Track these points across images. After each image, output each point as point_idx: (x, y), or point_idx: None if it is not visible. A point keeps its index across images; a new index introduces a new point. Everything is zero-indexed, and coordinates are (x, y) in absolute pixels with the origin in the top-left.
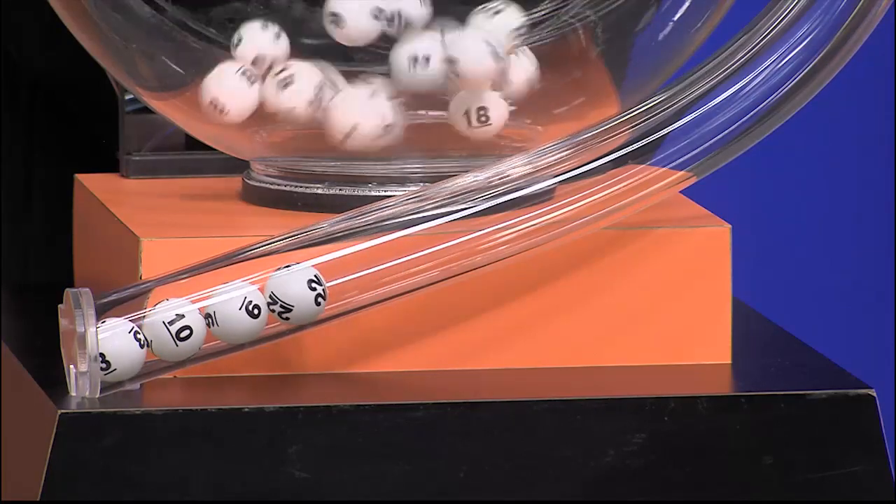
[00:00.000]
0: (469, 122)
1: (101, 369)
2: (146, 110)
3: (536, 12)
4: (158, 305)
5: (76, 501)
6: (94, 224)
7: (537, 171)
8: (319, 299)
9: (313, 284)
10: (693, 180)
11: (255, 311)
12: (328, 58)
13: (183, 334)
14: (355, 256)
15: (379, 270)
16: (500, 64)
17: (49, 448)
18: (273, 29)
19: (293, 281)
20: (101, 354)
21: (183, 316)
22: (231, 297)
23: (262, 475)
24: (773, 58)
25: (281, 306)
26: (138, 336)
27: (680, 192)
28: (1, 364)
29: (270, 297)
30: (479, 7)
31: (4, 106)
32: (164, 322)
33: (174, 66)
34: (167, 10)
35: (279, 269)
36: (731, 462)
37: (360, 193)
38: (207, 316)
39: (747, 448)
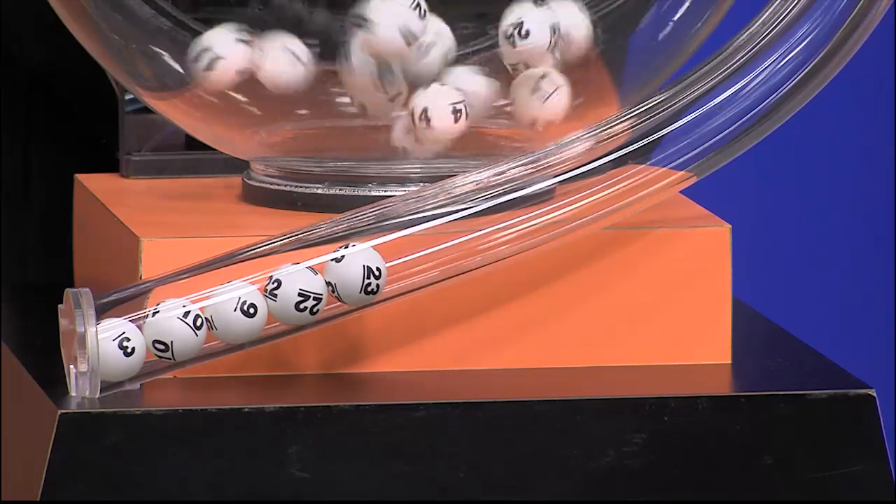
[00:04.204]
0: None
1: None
2: (146, 110)
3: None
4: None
5: (76, 501)
6: (94, 224)
7: (537, 171)
8: (252, 310)
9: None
10: (693, 180)
11: (251, 311)
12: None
13: (199, 322)
14: None
15: None
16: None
17: (49, 448)
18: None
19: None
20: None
21: (193, 311)
22: (224, 299)
23: (262, 475)
24: (773, 58)
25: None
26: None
27: (680, 192)
28: (1, 364)
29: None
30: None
31: (4, 105)
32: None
33: (174, 66)
34: (167, 10)
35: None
36: (731, 462)
37: (360, 193)
38: (207, 319)
39: (747, 448)
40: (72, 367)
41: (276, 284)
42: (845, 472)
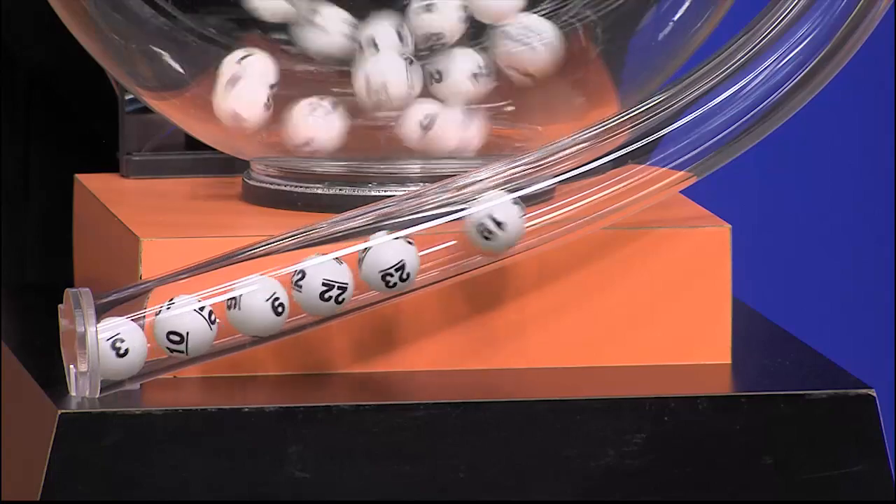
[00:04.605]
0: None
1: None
2: (146, 110)
3: (536, 12)
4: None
5: (76, 501)
6: (94, 224)
7: (537, 171)
8: (280, 309)
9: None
10: (693, 180)
11: (279, 309)
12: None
13: (213, 317)
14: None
15: None
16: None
17: (49, 448)
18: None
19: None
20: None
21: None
22: (253, 289)
23: (262, 475)
24: (773, 58)
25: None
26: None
27: (680, 192)
28: (1, 364)
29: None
30: None
31: (4, 105)
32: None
33: (174, 66)
34: (167, 10)
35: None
36: (731, 462)
37: (360, 193)
38: (231, 300)
39: (747, 448)
40: (72, 367)
41: (300, 275)
42: (845, 472)
